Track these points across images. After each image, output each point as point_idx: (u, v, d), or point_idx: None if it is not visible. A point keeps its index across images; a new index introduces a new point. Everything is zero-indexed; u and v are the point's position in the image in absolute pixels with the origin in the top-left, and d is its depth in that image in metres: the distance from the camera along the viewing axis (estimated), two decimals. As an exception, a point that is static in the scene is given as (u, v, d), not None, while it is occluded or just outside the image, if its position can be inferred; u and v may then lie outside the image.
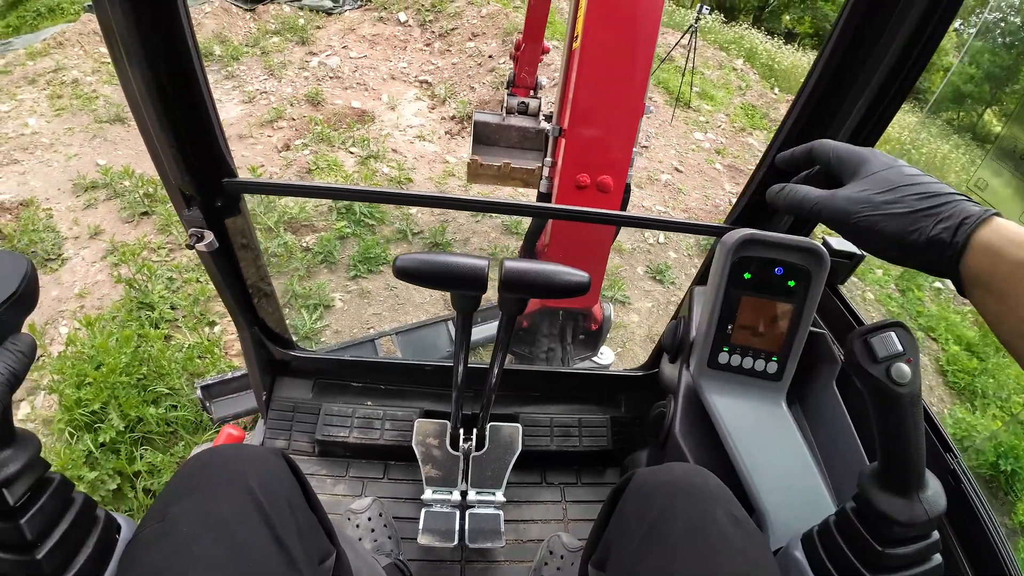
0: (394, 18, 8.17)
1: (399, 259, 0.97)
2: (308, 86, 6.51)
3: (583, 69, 1.61)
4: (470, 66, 7.21)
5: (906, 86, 1.07)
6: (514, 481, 1.68)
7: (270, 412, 1.68)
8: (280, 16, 7.93)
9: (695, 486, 0.85)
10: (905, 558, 0.76)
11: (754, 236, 1.14)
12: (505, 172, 3.41)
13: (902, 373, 0.70)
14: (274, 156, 5.31)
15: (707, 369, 1.23)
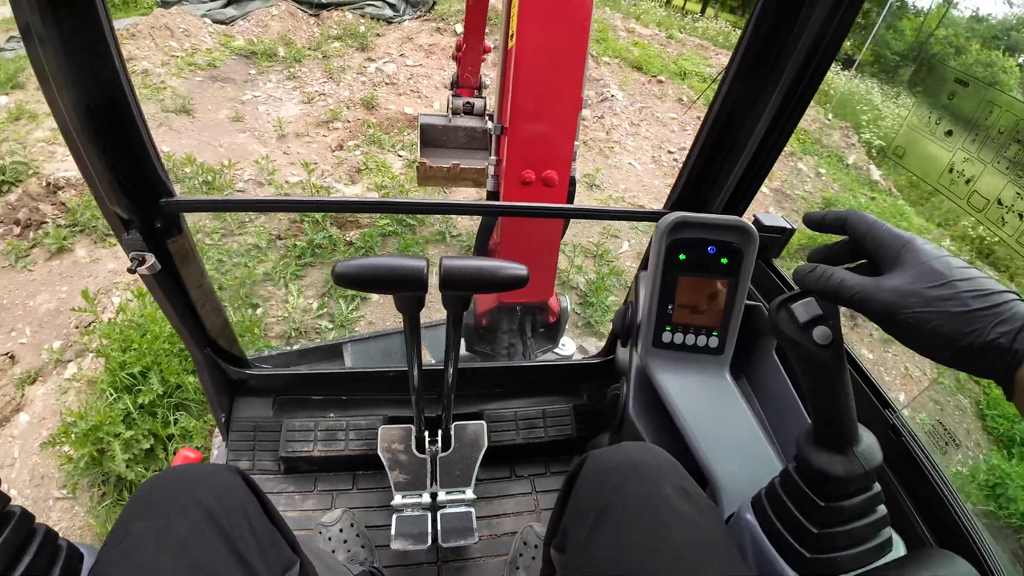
0: (451, 29, 8.40)
1: (337, 265, 0.96)
2: (364, 90, 6.76)
3: (520, 67, 1.62)
4: (522, 79, 7.34)
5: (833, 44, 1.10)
6: (483, 477, 1.70)
7: (231, 433, 1.64)
8: (343, 22, 8.27)
9: (644, 464, 0.86)
10: (848, 511, 0.78)
11: (685, 219, 1.19)
12: (455, 173, 3.41)
13: (824, 335, 0.73)
14: (327, 155, 5.53)
15: (653, 349, 1.26)
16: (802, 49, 1.10)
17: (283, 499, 1.59)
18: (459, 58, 3.62)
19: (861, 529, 0.79)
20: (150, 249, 1.12)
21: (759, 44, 1.12)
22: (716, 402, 1.21)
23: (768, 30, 1.09)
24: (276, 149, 5.50)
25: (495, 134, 1.87)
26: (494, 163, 1.92)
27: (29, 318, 3.35)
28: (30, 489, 2.55)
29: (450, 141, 3.60)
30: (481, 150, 3.52)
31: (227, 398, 1.65)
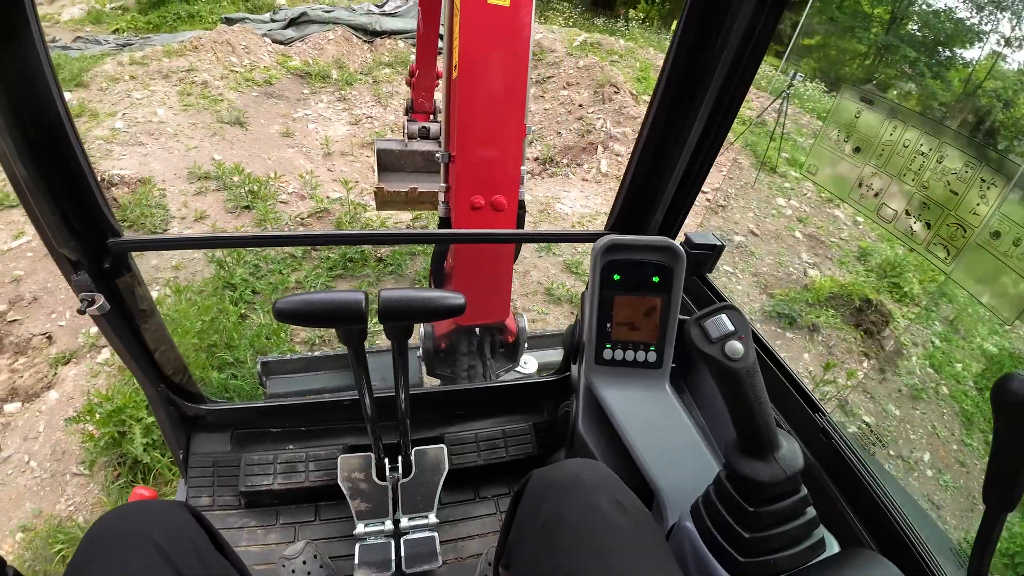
0: (501, 62, 8.63)
1: (277, 302, 0.98)
2: (409, 117, 6.96)
3: (463, 95, 1.66)
4: (560, 113, 7.46)
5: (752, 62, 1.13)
6: (447, 501, 1.69)
7: (189, 470, 1.61)
8: (394, 50, 8.58)
9: (582, 479, 0.89)
10: (776, 515, 0.80)
11: (616, 241, 1.23)
12: (413, 197, 3.43)
13: (735, 350, 0.78)
14: (368, 175, 5.70)
15: (595, 366, 1.30)
16: (720, 72, 1.12)
17: (245, 534, 1.56)
18: (413, 83, 3.68)
19: (792, 531, 0.82)
20: (99, 290, 1.11)
21: (681, 69, 1.16)
22: (657, 415, 1.24)
23: (688, 55, 1.14)
24: (321, 166, 5.71)
25: (443, 162, 1.92)
26: (444, 189, 1.97)
27: (71, 302, 3.50)
28: (50, 463, 2.66)
29: (407, 165, 3.65)
30: (439, 174, 3.62)
31: (184, 434, 1.62)
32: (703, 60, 1.14)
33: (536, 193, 5.93)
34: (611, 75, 7.87)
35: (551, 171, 6.50)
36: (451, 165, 1.87)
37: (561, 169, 6.44)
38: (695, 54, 1.14)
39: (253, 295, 3.69)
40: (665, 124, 1.26)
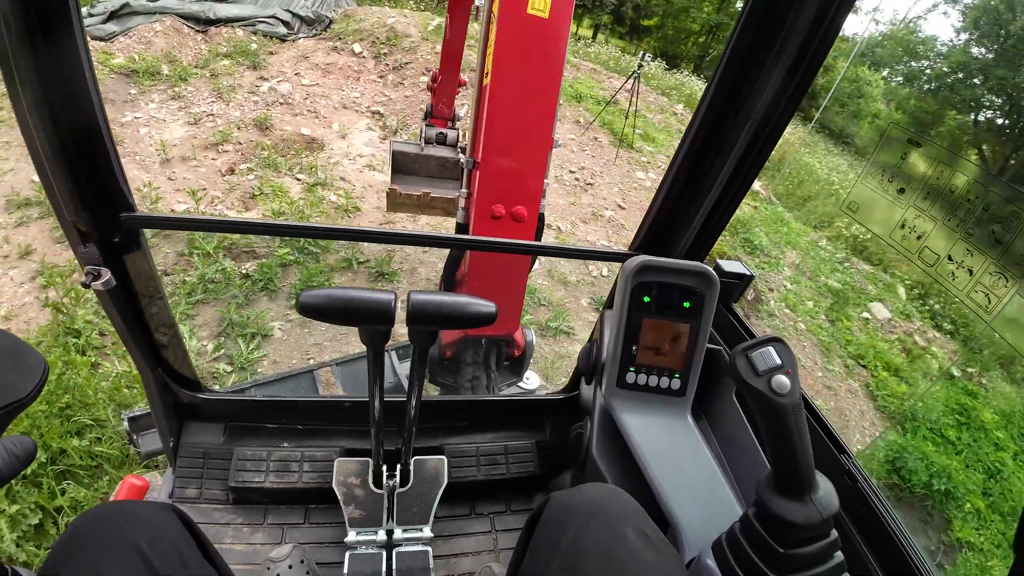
0: (349, 49, 8.15)
1: (303, 295, 0.96)
2: (257, 111, 6.40)
3: (493, 104, 1.65)
4: (422, 99, 7.22)
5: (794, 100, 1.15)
6: (442, 515, 1.63)
7: (178, 460, 1.56)
8: (233, 39, 7.81)
9: (606, 507, 0.87)
10: (806, 558, 0.79)
11: (650, 263, 1.23)
12: (425, 201, 3.44)
13: (782, 384, 0.76)
14: (217, 180, 5.13)
15: (616, 389, 1.29)
16: (762, 106, 1.15)
17: (231, 531, 1.50)
18: (434, 89, 3.69)
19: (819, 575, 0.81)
20: (107, 264, 1.08)
21: (723, 98, 1.18)
22: (678, 444, 1.22)
23: (734, 77, 1.16)
24: (159, 175, 5.03)
25: (467, 168, 1.88)
26: (465, 196, 1.92)
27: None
28: None
29: (421, 169, 3.62)
30: (452, 180, 3.56)
31: (176, 422, 1.57)
32: (747, 86, 1.17)
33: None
34: (469, 60, 7.70)
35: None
36: (474, 172, 1.83)
37: (430, 158, 6.19)
38: (740, 78, 1.16)
39: (101, 338, 3.14)
40: (702, 146, 1.27)
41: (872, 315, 6.61)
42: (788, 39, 1.07)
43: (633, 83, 8.06)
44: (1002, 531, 4.10)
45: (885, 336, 6.31)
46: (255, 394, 2.25)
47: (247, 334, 3.41)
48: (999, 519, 4.19)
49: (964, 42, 15.34)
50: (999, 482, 4.55)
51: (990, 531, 4.08)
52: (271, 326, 3.54)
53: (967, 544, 3.96)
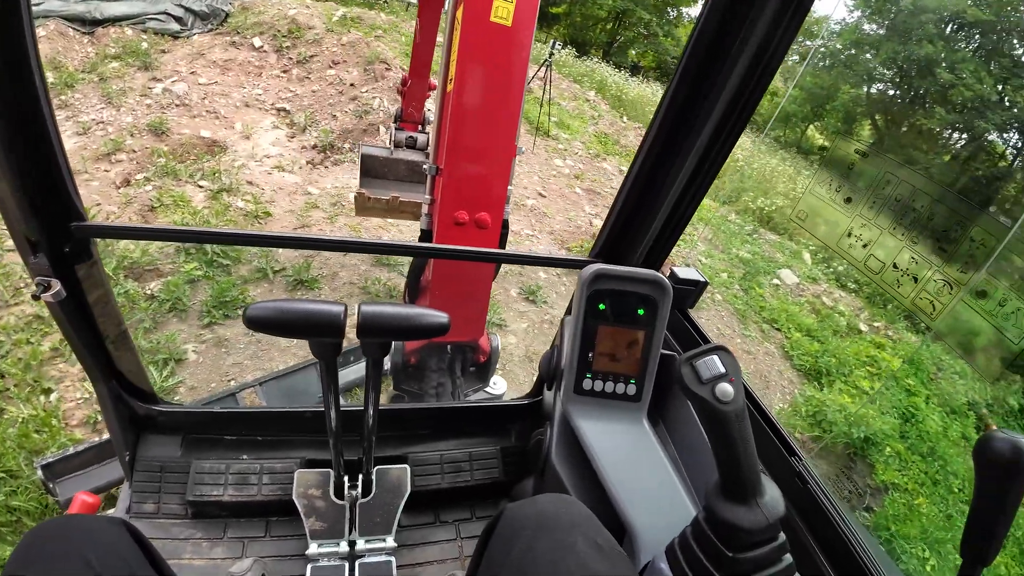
0: (248, 43, 7.70)
1: (250, 308, 0.94)
2: (151, 115, 5.94)
3: (457, 110, 1.66)
4: (331, 94, 6.98)
5: (745, 112, 1.19)
6: (406, 524, 1.63)
7: (135, 474, 1.52)
8: (122, 39, 7.19)
9: (557, 518, 0.88)
10: (754, 561, 0.82)
11: (605, 271, 1.25)
12: (394, 205, 3.41)
13: (725, 392, 0.79)
14: (112, 193, 4.74)
15: (574, 396, 1.30)
16: (716, 115, 1.19)
17: (190, 546, 1.47)
18: (404, 92, 3.67)
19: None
20: (57, 275, 1.07)
21: (678, 108, 1.22)
22: (634, 450, 1.24)
23: (688, 90, 1.19)
24: (45, 192, 4.57)
25: (430, 174, 1.88)
26: (428, 202, 1.93)
27: None
28: None
29: (391, 173, 3.62)
30: (422, 184, 3.51)
31: (132, 435, 1.53)
32: (699, 100, 1.20)
33: (324, 184, 5.43)
34: (379, 51, 7.51)
35: (334, 158, 6.01)
36: (438, 178, 1.83)
37: (345, 155, 5.99)
38: (695, 88, 1.20)
39: (1, 379, 2.86)
40: (658, 157, 1.31)
41: (782, 281, 7.02)
42: (740, 52, 1.10)
43: (545, 71, 8.10)
44: (923, 470, 4.53)
45: (795, 300, 6.71)
46: (212, 406, 2.19)
47: (158, 360, 3.18)
48: (919, 459, 4.62)
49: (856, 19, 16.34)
50: (914, 425, 5.01)
51: (912, 471, 4.48)
52: (184, 349, 3.31)
53: (892, 485, 4.33)
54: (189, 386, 3.15)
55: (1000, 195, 11.72)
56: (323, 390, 1.16)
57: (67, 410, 2.85)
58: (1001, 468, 0.65)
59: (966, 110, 12.93)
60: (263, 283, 3.99)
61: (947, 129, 13.89)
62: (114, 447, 1.53)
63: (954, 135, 14.06)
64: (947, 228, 1.34)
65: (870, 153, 1.66)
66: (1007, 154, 13.13)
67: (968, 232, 1.34)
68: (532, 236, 5.93)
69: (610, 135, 10.17)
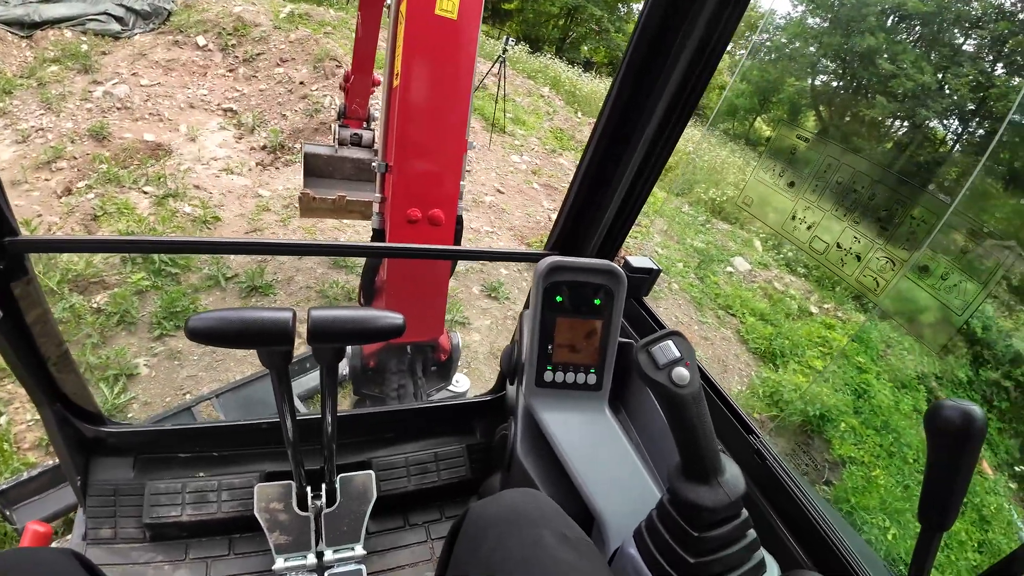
0: (192, 42, 7.43)
1: (191, 319, 0.90)
2: (92, 119, 5.68)
3: (404, 106, 1.64)
4: (280, 93, 6.81)
5: (690, 103, 1.21)
6: (374, 530, 1.62)
7: (88, 499, 1.46)
8: (61, 42, 6.84)
9: (523, 513, 0.88)
10: (720, 539, 0.84)
11: (560, 263, 1.26)
12: (341, 205, 3.32)
13: (681, 376, 0.81)
14: (53, 203, 4.52)
15: (536, 388, 1.31)
16: (662, 107, 1.20)
17: (151, 570, 1.43)
18: (347, 89, 3.60)
19: (734, 555, 0.85)
20: None
21: (624, 101, 1.24)
22: (597, 439, 1.25)
23: (633, 83, 1.21)
24: (-21, 203, 4.32)
25: (380, 172, 1.84)
26: (379, 200, 1.89)
27: None
28: None
29: (336, 172, 3.52)
30: (369, 182, 3.45)
31: (82, 459, 1.48)
32: (644, 92, 1.22)
33: (275, 186, 5.29)
34: (329, 48, 7.35)
35: (285, 159, 5.87)
36: (388, 176, 1.79)
37: (296, 156, 5.86)
38: (638, 86, 1.22)
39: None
40: (607, 149, 1.32)
41: (735, 268, 7.20)
42: (683, 46, 1.12)
43: (499, 68, 8.08)
44: (878, 443, 4.71)
45: (748, 286, 6.89)
46: (164, 423, 2.12)
47: (109, 377, 3.05)
48: (873, 432, 4.80)
49: (800, 14, 16.85)
50: (867, 400, 5.22)
51: (867, 444, 4.66)
52: (135, 363, 3.18)
53: (849, 459, 4.49)
54: (143, 402, 3.03)
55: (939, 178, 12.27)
56: (276, 401, 1.12)
57: (18, 433, 2.73)
58: (951, 435, 0.67)
59: (907, 99, 13.48)
60: (215, 291, 3.87)
61: (889, 118, 14.47)
62: (64, 473, 1.47)
63: (896, 123, 14.66)
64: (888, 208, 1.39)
65: (811, 140, 1.71)
66: (947, 139, 13.78)
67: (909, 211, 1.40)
68: (492, 233, 5.91)
69: (565, 130, 10.24)
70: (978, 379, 5.92)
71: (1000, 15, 13.16)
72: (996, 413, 5.76)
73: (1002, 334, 6.13)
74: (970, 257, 1.44)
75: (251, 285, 3.92)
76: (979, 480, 4.70)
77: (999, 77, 13.03)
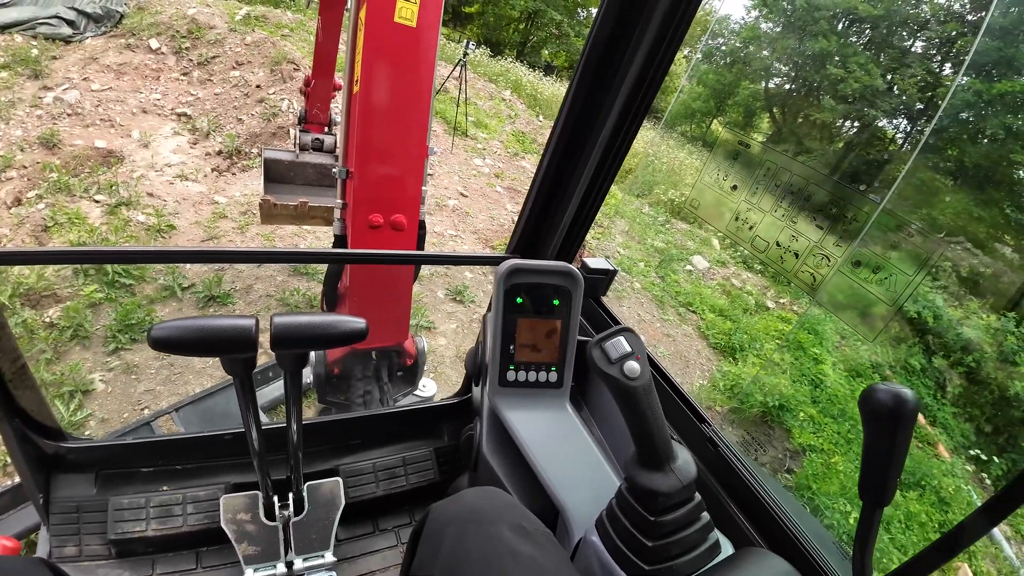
0: (144, 45, 7.22)
1: (154, 328, 0.91)
2: (42, 126, 5.48)
3: (364, 112, 1.65)
4: (236, 96, 6.67)
5: (644, 105, 1.26)
6: (344, 537, 1.62)
7: (51, 517, 1.44)
8: (10, 47, 6.55)
9: (481, 510, 0.90)
10: (676, 522, 0.88)
11: (519, 265, 1.30)
12: (303, 211, 3.30)
13: (633, 369, 0.86)
14: (3, 214, 4.37)
15: (499, 388, 1.34)
16: (616, 109, 1.25)
17: None
18: (308, 93, 3.58)
19: (690, 536, 0.89)
20: None
21: (580, 106, 1.29)
22: (560, 434, 1.29)
23: (587, 91, 1.26)
24: (-71, 219, 4.15)
25: (340, 177, 1.84)
26: (340, 207, 1.88)
27: None
28: None
29: (298, 178, 3.48)
30: (331, 188, 3.43)
31: (43, 476, 1.46)
32: (600, 96, 1.27)
33: (232, 193, 5.18)
34: (286, 51, 7.25)
35: (242, 164, 5.76)
36: (349, 182, 1.80)
37: (253, 161, 5.76)
38: (593, 90, 1.26)
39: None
40: (563, 155, 1.37)
41: (694, 267, 7.37)
42: (636, 48, 1.16)
43: (460, 71, 8.09)
44: (836, 431, 4.86)
45: (707, 283, 7.05)
46: (125, 437, 2.07)
47: (64, 393, 2.95)
48: (831, 421, 4.96)
49: (755, 18, 17.31)
50: (823, 390, 5.39)
51: (826, 432, 4.81)
52: (90, 379, 3.09)
53: (809, 447, 4.63)
54: (100, 418, 2.94)
55: (884, 176, 12.76)
56: (241, 409, 1.12)
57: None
58: (885, 417, 0.71)
59: (857, 100, 13.98)
60: (171, 302, 3.78)
61: (840, 119, 14.97)
62: (25, 490, 1.44)
63: (846, 124, 15.17)
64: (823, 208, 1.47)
65: (751, 143, 1.79)
66: (896, 139, 14.33)
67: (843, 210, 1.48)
68: (456, 236, 5.91)
69: (527, 133, 10.31)
70: (931, 366, 6.17)
71: (949, 16, 13.77)
72: (950, 398, 6.02)
73: (952, 323, 6.40)
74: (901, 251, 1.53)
75: (208, 295, 3.84)
76: (936, 463, 4.91)
77: (947, 77, 13.61)
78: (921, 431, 5.42)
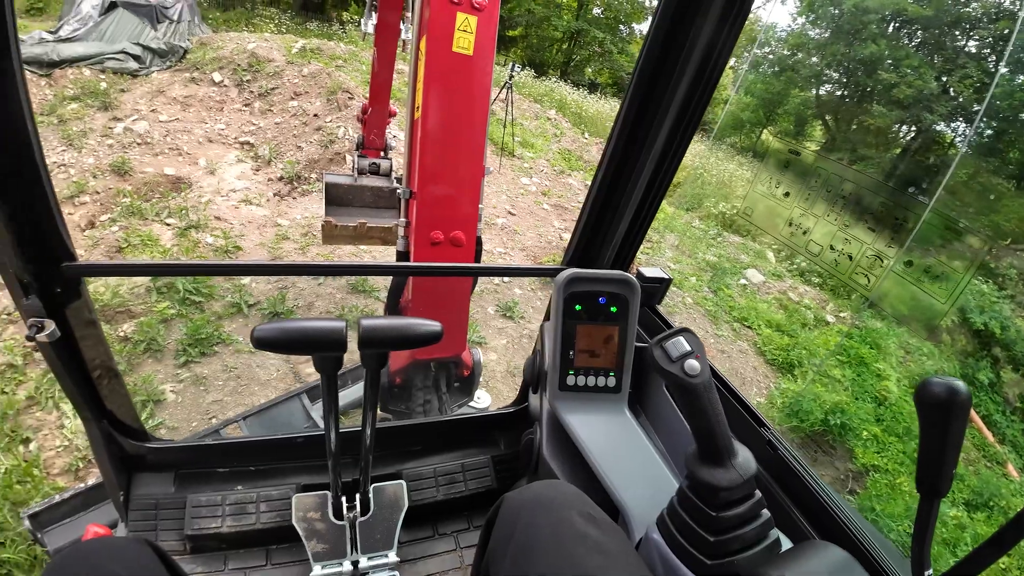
0: (208, 78, 7.69)
1: (256, 330, 1.00)
2: (113, 155, 5.88)
3: (425, 136, 1.75)
4: (294, 125, 7.00)
5: (695, 118, 1.31)
6: (406, 539, 1.67)
7: (130, 513, 1.52)
8: (80, 80, 7.08)
9: (551, 498, 0.95)
10: (736, 518, 0.90)
11: (578, 275, 1.36)
12: (362, 232, 3.47)
13: (693, 367, 0.88)
14: (77, 236, 4.67)
15: (559, 392, 1.39)
16: (668, 123, 1.30)
17: None
18: (364, 120, 3.76)
19: (751, 532, 0.90)
20: (49, 315, 1.09)
21: (633, 120, 1.34)
22: (619, 437, 1.33)
23: (640, 103, 1.31)
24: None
25: (404, 197, 1.95)
26: (404, 225, 2.00)
27: None
28: None
29: (356, 200, 3.67)
30: (387, 209, 3.62)
31: (125, 475, 1.54)
32: (651, 110, 1.31)
33: (293, 215, 5.44)
34: (341, 80, 7.58)
35: (302, 188, 6.03)
36: (411, 201, 1.91)
37: (313, 185, 6.02)
38: (644, 105, 1.31)
39: None
40: (618, 166, 1.43)
41: (748, 280, 7.21)
42: (686, 63, 1.21)
43: (507, 93, 8.26)
44: (901, 450, 4.66)
45: (763, 297, 6.89)
46: (203, 440, 2.19)
47: (136, 403, 3.15)
48: (896, 439, 4.76)
49: (801, 25, 16.98)
50: (888, 407, 5.16)
51: (891, 451, 4.62)
52: (161, 390, 3.29)
53: (873, 467, 4.45)
54: (170, 427, 3.12)
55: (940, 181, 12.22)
56: (324, 408, 1.21)
57: (47, 459, 2.82)
58: (939, 408, 0.72)
59: (912, 104, 13.50)
60: (238, 318, 3.99)
61: (896, 124, 14.46)
62: (106, 488, 1.52)
63: (903, 128, 14.65)
64: (874, 211, 1.46)
65: (802, 151, 1.80)
66: (956, 143, 13.73)
67: (893, 212, 1.47)
68: (505, 254, 6.01)
69: (573, 151, 10.40)
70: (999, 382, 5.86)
71: (1000, 14, 13.20)
72: (1019, 415, 5.68)
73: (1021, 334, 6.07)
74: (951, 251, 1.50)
75: (273, 311, 4.03)
76: (1005, 483, 4.64)
77: (1004, 76, 13.02)
78: (990, 450, 5.14)
